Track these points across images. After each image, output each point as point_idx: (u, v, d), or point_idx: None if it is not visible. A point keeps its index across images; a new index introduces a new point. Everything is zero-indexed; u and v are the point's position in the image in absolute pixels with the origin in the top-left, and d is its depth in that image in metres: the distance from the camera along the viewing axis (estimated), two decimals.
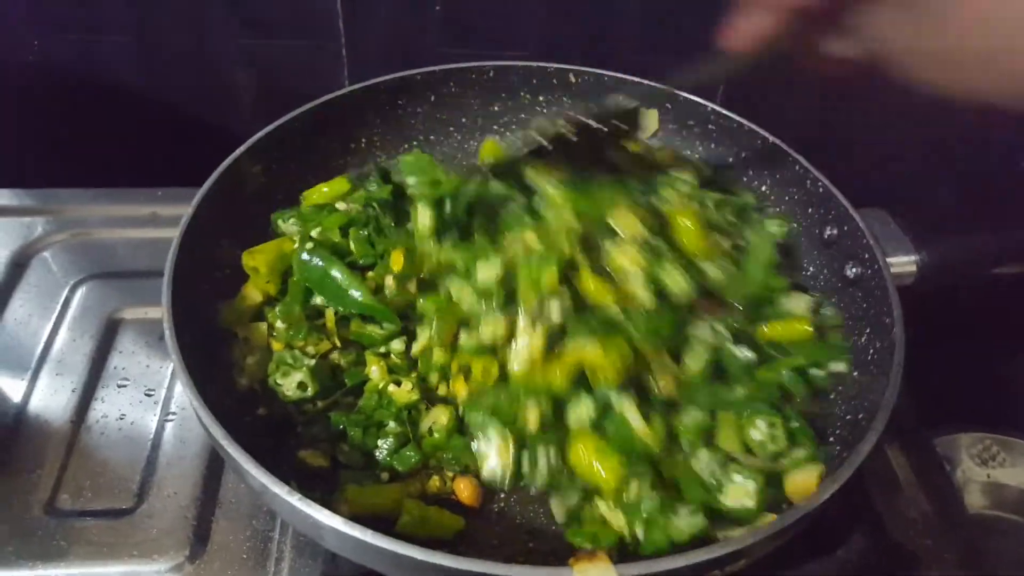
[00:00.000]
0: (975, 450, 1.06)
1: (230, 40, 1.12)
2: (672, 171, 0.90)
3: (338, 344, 0.79)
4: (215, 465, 0.79)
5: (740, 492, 0.66)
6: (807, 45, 0.62)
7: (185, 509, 0.76)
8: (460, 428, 0.73)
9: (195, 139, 1.02)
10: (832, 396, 0.76)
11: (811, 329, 0.77)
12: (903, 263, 0.78)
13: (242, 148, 0.84)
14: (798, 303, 0.79)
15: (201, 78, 1.16)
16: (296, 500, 0.58)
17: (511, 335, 0.70)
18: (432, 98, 0.98)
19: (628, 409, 0.66)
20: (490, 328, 0.70)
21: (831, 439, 0.74)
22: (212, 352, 0.76)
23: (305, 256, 0.79)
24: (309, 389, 0.75)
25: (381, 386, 0.75)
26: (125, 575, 0.71)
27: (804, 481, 0.67)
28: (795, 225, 0.87)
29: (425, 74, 0.96)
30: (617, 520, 0.66)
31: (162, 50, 1.13)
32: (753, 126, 0.92)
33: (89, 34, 1.12)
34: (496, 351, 0.71)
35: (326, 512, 0.57)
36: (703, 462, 0.68)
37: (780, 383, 0.74)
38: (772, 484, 0.68)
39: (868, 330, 0.77)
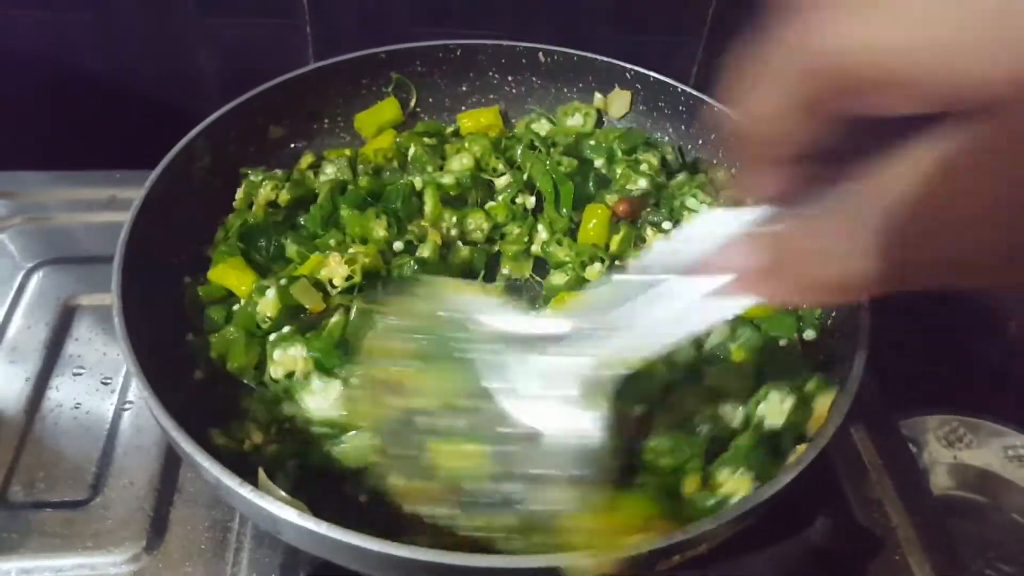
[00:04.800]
0: (942, 432, 1.07)
1: (193, 19, 1.09)
2: (638, 154, 0.89)
3: None
4: (173, 454, 0.77)
5: (776, 410, 0.68)
6: None
7: (142, 499, 0.74)
8: None
9: (157, 120, 0.99)
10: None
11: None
12: None
13: (197, 129, 0.82)
14: None
15: (163, 58, 1.13)
16: (249, 493, 0.56)
17: None
18: (396, 78, 0.96)
19: None
20: None
21: None
22: (167, 341, 0.73)
23: None
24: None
25: None
26: (80, 567, 0.70)
27: (822, 406, 0.67)
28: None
29: (389, 52, 0.93)
30: None
31: (123, 29, 1.10)
32: (724, 107, 0.90)
33: (47, 12, 1.08)
34: None
35: (282, 506, 0.56)
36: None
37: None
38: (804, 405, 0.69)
39: (834, 313, 0.77)
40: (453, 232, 0.85)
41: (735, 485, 0.64)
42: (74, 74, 1.12)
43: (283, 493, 0.59)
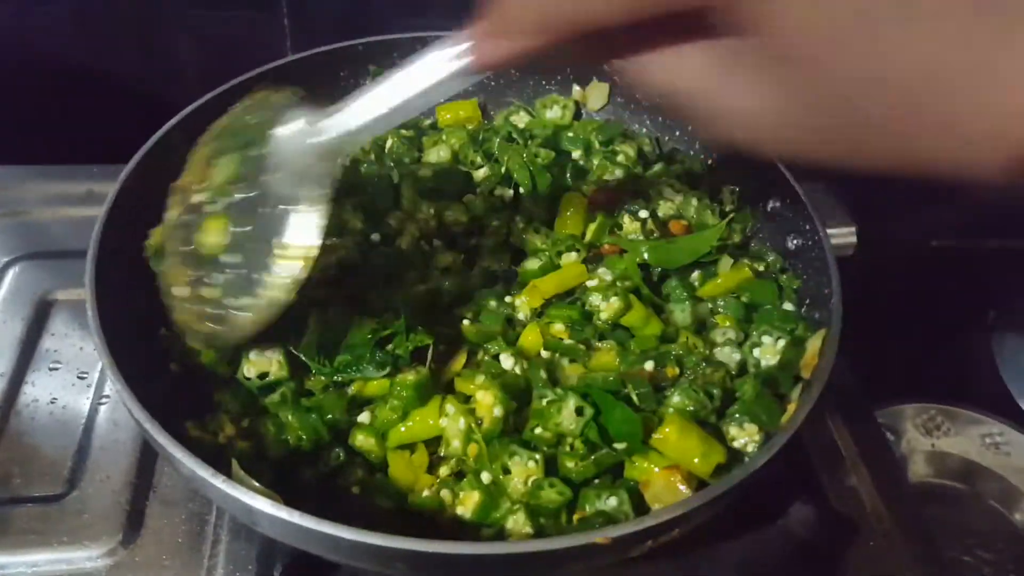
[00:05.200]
0: (920, 420, 1.08)
1: (170, 11, 1.08)
2: (615, 146, 0.90)
3: None
4: (149, 448, 0.77)
5: (771, 350, 0.72)
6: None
7: (118, 494, 0.74)
8: None
9: (135, 114, 0.99)
10: None
11: (750, 273, 0.79)
12: (843, 234, 0.78)
13: (172, 122, 0.81)
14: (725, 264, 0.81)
15: (140, 50, 1.12)
16: (223, 484, 0.56)
17: None
18: (375, 70, 0.96)
19: None
20: None
21: None
22: (142, 334, 0.73)
23: None
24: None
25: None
26: (56, 562, 0.70)
27: (814, 345, 0.71)
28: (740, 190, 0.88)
29: (367, 44, 0.93)
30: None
31: (99, 21, 1.09)
32: None
33: (22, 4, 1.07)
34: None
35: (255, 496, 0.56)
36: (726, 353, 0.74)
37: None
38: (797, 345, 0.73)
39: (808, 301, 0.77)
40: (432, 224, 0.85)
41: (745, 436, 0.67)
42: (50, 67, 1.11)
43: (257, 484, 0.59)
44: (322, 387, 0.70)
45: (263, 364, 0.70)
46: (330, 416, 0.68)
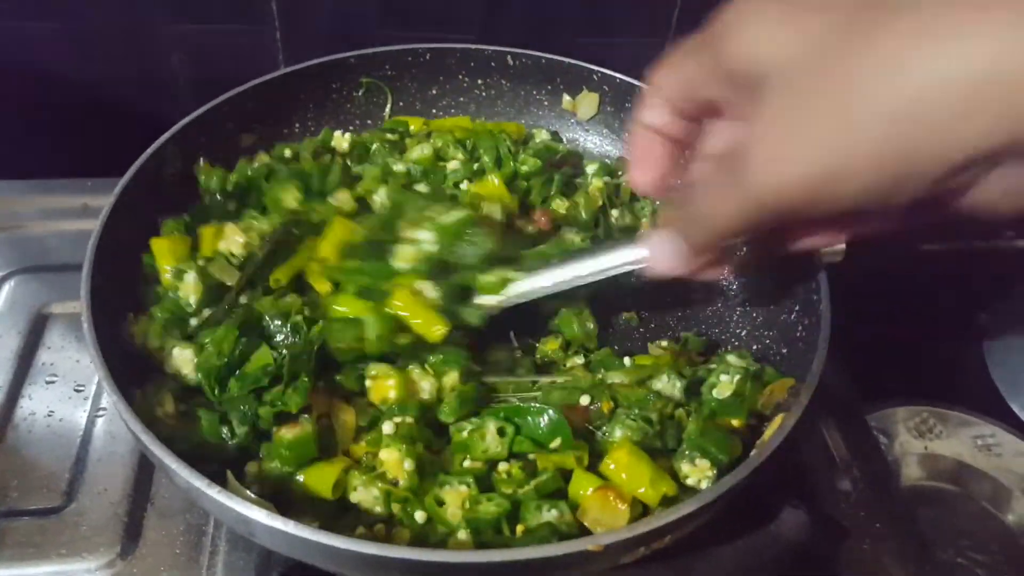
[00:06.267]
0: (912, 423, 1.08)
1: (162, 24, 1.09)
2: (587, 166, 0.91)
3: None
4: (147, 460, 0.78)
5: (727, 387, 0.72)
6: None
7: (116, 506, 0.74)
8: None
9: (129, 128, 0.99)
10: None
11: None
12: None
13: (166, 135, 0.82)
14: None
15: (134, 65, 1.13)
16: (218, 494, 0.57)
17: None
18: (366, 82, 0.97)
19: None
20: None
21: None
22: (136, 348, 0.73)
23: None
24: None
25: None
26: (54, 575, 0.70)
27: (779, 388, 0.71)
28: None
29: (358, 57, 0.94)
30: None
31: (92, 36, 1.10)
32: None
33: (14, 18, 1.08)
34: None
35: (250, 506, 0.56)
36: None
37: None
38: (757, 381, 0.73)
39: (797, 307, 0.78)
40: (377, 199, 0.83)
41: (697, 473, 0.66)
42: (44, 82, 1.12)
43: (251, 494, 0.60)
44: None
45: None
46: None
